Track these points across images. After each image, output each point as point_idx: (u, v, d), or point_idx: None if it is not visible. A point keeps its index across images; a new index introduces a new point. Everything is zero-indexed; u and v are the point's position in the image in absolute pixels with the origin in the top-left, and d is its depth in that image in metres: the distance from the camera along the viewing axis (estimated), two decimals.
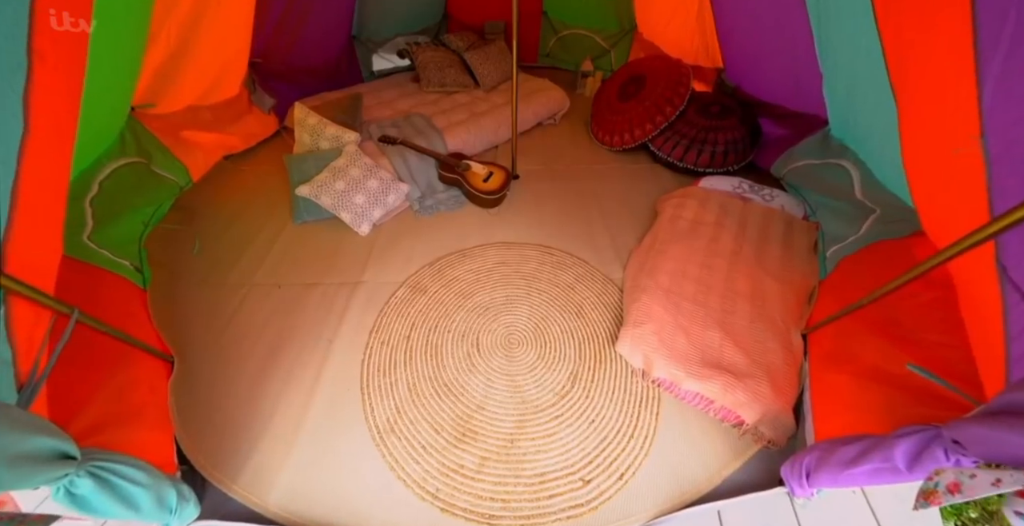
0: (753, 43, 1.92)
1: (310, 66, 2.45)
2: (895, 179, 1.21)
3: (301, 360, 1.24)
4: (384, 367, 1.23)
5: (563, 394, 1.18)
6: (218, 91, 1.80)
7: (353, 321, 1.36)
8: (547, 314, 1.41)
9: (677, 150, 2.14)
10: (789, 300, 1.34)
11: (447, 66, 2.70)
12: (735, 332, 1.24)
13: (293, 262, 1.59)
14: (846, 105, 1.45)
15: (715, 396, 1.07)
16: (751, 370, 1.11)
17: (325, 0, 2.17)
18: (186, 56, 1.51)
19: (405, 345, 1.30)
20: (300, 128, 1.89)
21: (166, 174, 1.55)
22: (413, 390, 1.18)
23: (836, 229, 1.50)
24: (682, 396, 1.15)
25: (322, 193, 1.68)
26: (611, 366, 1.25)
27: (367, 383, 1.19)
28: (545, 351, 1.29)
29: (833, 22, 1.27)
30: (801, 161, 1.80)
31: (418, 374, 1.22)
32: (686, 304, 1.32)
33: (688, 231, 1.64)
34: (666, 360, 1.14)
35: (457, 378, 1.21)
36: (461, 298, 1.46)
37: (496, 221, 1.84)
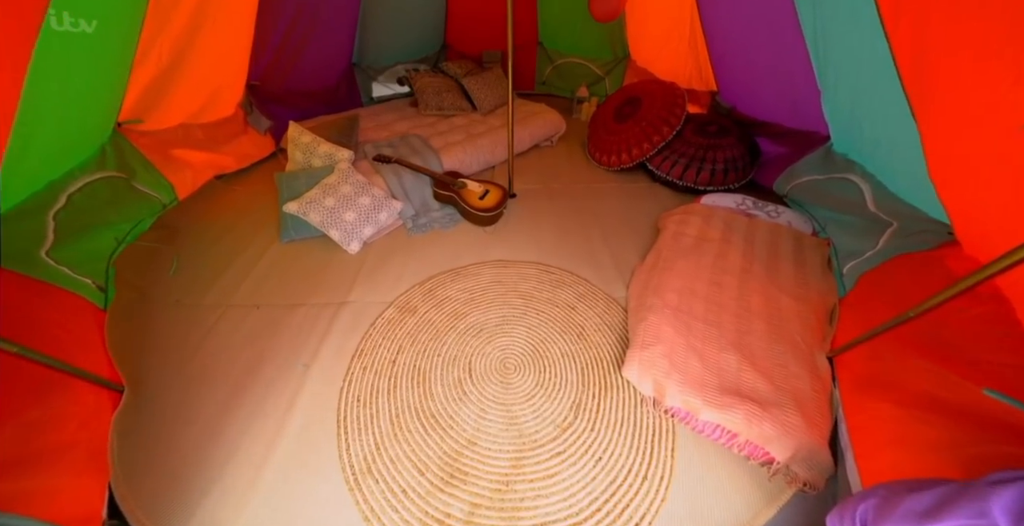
0: (747, 64, 1.94)
1: (309, 90, 2.48)
2: (913, 189, 1.15)
3: (274, 388, 1.12)
4: (365, 396, 1.10)
5: (565, 427, 1.04)
6: (212, 111, 1.79)
7: (334, 345, 1.25)
8: (546, 336, 1.30)
9: (676, 168, 2.11)
10: (809, 319, 1.23)
11: (445, 91, 2.75)
12: (753, 354, 1.12)
13: (276, 282, 1.49)
14: (850, 119, 1.42)
15: (738, 428, 0.94)
16: (776, 398, 0.99)
17: (326, 27, 2.23)
18: (178, 74, 1.50)
19: (390, 371, 1.17)
20: (293, 146, 1.86)
21: (149, 191, 1.49)
22: (396, 423, 1.05)
23: (850, 244, 1.43)
24: (700, 428, 1.01)
25: (311, 210, 1.61)
26: (618, 394, 1.12)
27: (345, 415, 1.06)
28: (544, 377, 1.17)
29: (833, 38, 1.26)
30: (804, 177, 1.76)
31: (402, 404, 1.09)
32: (697, 324, 1.21)
33: (693, 248, 1.56)
34: (679, 386, 1.02)
35: (446, 408, 1.08)
36: (453, 319, 1.35)
37: (492, 239, 1.76)
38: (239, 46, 1.72)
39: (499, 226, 1.87)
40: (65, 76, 1.03)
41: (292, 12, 1.90)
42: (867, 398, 0.88)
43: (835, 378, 1.05)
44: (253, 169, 2.20)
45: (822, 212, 1.67)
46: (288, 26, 1.95)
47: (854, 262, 1.33)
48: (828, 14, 1.20)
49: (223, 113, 1.87)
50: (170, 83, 1.49)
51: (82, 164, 1.24)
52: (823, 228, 1.65)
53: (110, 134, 1.39)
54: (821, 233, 1.64)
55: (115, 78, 1.26)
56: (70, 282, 1.07)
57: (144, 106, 1.46)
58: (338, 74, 2.66)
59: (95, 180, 1.25)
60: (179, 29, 1.37)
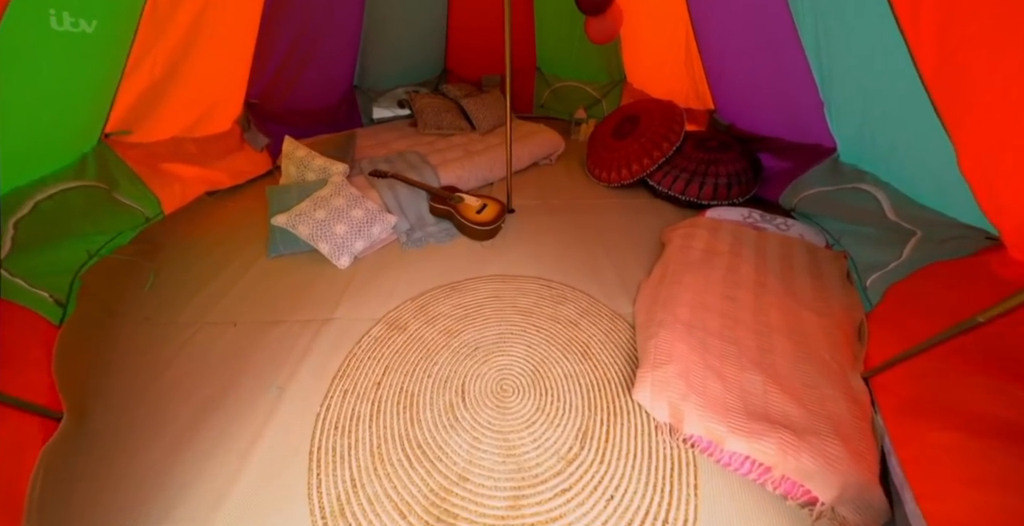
0: (745, 80, 1.94)
1: (309, 110, 2.49)
2: (939, 194, 1.08)
3: (241, 415, 0.99)
4: (344, 423, 0.98)
5: (571, 459, 0.91)
6: (206, 125, 1.76)
7: (314, 365, 1.13)
8: (547, 355, 1.18)
9: (678, 183, 2.06)
10: (835, 336, 1.12)
11: (444, 111, 2.77)
12: (778, 375, 1.01)
13: (257, 298, 1.39)
14: (859, 127, 1.37)
15: (772, 461, 0.81)
16: (811, 424, 0.86)
17: (328, 48, 2.26)
18: (172, 87, 1.48)
19: (374, 394, 1.05)
20: (287, 160, 1.82)
21: (132, 203, 1.43)
22: (377, 454, 0.92)
23: (870, 256, 1.34)
24: (726, 461, 0.88)
25: (300, 222, 1.54)
26: (629, 420, 1.00)
27: (319, 445, 0.93)
28: (546, 401, 1.05)
29: (837, 45, 1.23)
30: (812, 189, 1.70)
31: (386, 432, 0.96)
32: (714, 341, 1.10)
33: (702, 261, 1.47)
34: (700, 411, 0.90)
35: (435, 437, 0.95)
36: (446, 336, 1.24)
37: (489, 254, 1.68)
38: (237, 62, 1.72)
39: (497, 241, 1.79)
40: (34, 78, 0.99)
41: (294, 33, 1.93)
42: (920, 425, 0.76)
43: (874, 402, 0.93)
44: (247, 186, 2.15)
45: (834, 224, 1.59)
46: (289, 46, 1.98)
47: (877, 274, 1.23)
48: (832, 21, 1.18)
49: (218, 128, 1.85)
50: (163, 95, 1.47)
51: (57, 172, 1.19)
52: (837, 241, 1.57)
53: (94, 144, 1.35)
54: (835, 246, 1.56)
55: (98, 86, 1.23)
56: (21, 295, 0.97)
57: (134, 117, 1.43)
58: (339, 95, 2.69)
59: (69, 189, 1.19)
60: (175, 41, 1.36)
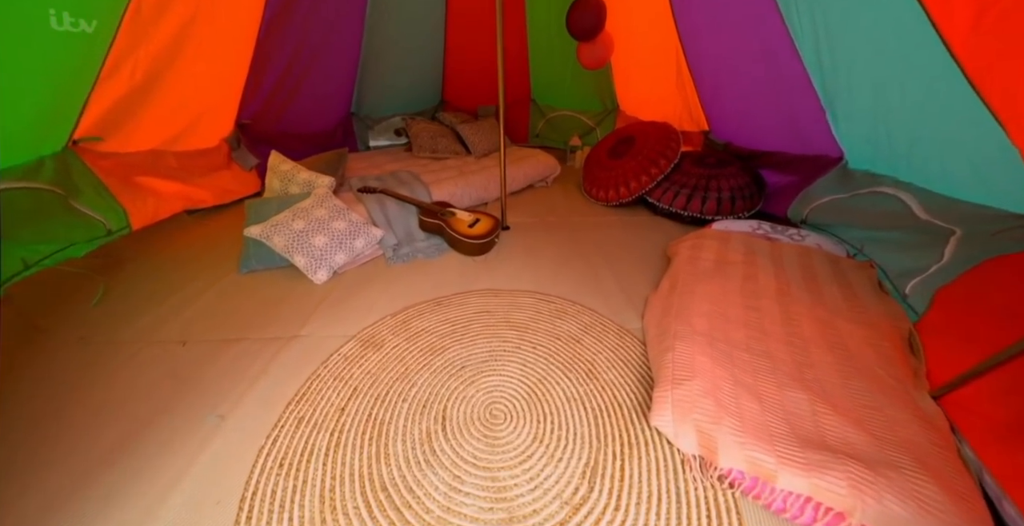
0: (740, 95, 1.93)
1: (303, 134, 2.48)
2: (979, 183, 0.97)
3: (165, 451, 0.80)
4: (292, 459, 0.78)
5: (577, 504, 0.71)
6: (190, 139, 1.70)
7: (267, 388, 0.95)
8: (546, 374, 1.01)
9: (679, 199, 1.99)
10: (884, 349, 0.96)
11: (440, 136, 2.78)
12: (826, 393, 0.83)
13: (217, 316, 1.23)
14: (870, 128, 1.30)
15: (844, 504, 0.62)
16: (885, 455, 0.68)
17: (324, 71, 2.29)
18: (153, 95, 1.43)
19: (335, 422, 0.86)
20: (271, 174, 1.75)
21: (92, 213, 1.32)
22: (329, 500, 0.71)
23: (901, 262, 1.21)
24: (780, 506, 0.68)
25: (275, 233, 1.42)
26: (648, 453, 0.80)
27: (255, 489, 0.73)
28: (545, 429, 0.86)
29: (842, 43, 1.19)
30: (824, 198, 1.61)
31: (343, 470, 0.76)
32: (740, 354, 0.94)
33: (714, 270, 1.34)
34: (737, 437, 0.72)
35: (405, 476, 0.76)
36: (428, 354, 1.07)
37: (481, 269, 1.55)
38: (228, 77, 1.70)
39: (490, 256, 1.67)
40: None
41: (290, 53, 1.95)
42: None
43: (953, 427, 0.75)
44: (233, 207, 2.07)
45: (854, 233, 1.48)
46: (285, 67, 1.99)
47: (918, 279, 1.10)
48: (833, 17, 1.14)
49: (203, 144, 1.79)
50: (143, 103, 1.41)
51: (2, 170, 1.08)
52: (859, 250, 1.44)
53: (58, 149, 1.26)
54: (858, 256, 1.44)
55: (65, 85, 1.17)
56: None
57: (109, 124, 1.36)
58: (335, 121, 2.70)
59: (11, 189, 1.08)
60: (158, 47, 1.33)
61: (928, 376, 0.86)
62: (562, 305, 1.30)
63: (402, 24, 2.48)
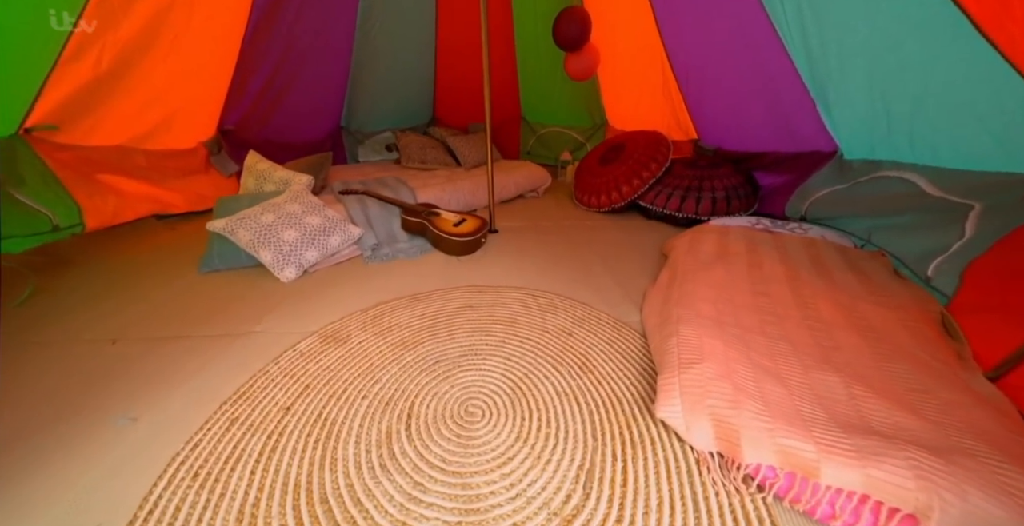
0: (727, 96, 1.93)
1: (289, 143, 2.44)
2: (998, 147, 0.91)
3: (54, 458, 0.64)
4: (212, 467, 0.62)
5: (569, 517, 0.56)
6: (163, 138, 1.63)
7: (199, 387, 0.80)
8: (533, 368, 0.87)
9: (672, 201, 1.93)
10: (921, 330, 0.84)
11: (429, 148, 2.76)
12: (861, 376, 0.70)
13: (162, 315, 1.09)
14: (867, 110, 1.26)
15: (914, 503, 0.48)
16: (950, 441, 0.55)
17: (312, 79, 2.28)
18: (122, 86, 1.36)
19: (276, 423, 0.71)
20: (247, 173, 1.67)
21: (37, 206, 1.21)
22: (250, 518, 0.55)
23: (917, 246, 1.12)
24: (826, 511, 0.53)
25: (241, 227, 1.31)
26: (655, 452, 0.66)
27: (155, 506, 0.57)
28: (530, 427, 0.71)
29: (829, 18, 1.16)
30: (823, 190, 1.55)
31: (276, 479, 0.61)
32: (755, 337, 0.82)
33: (716, 260, 1.24)
34: (765, 422, 0.58)
35: (354, 485, 0.60)
36: (399, 349, 0.93)
37: (467, 267, 1.44)
38: (209, 75, 1.65)
39: (476, 256, 1.56)
40: None
41: (276, 58, 1.94)
42: None
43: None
44: (209, 214, 1.97)
45: (859, 223, 1.40)
46: (270, 73, 1.97)
47: (940, 258, 1.00)
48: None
49: (179, 144, 1.72)
50: (110, 94, 1.35)
51: None
52: (866, 240, 1.36)
53: (5, 135, 1.18)
54: (866, 246, 1.35)
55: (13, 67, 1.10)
56: None
57: (67, 113, 1.28)
58: (323, 133, 2.68)
59: None
60: (129, 33, 1.27)
61: (979, 358, 0.74)
62: (552, 299, 1.18)
63: (393, 38, 2.52)
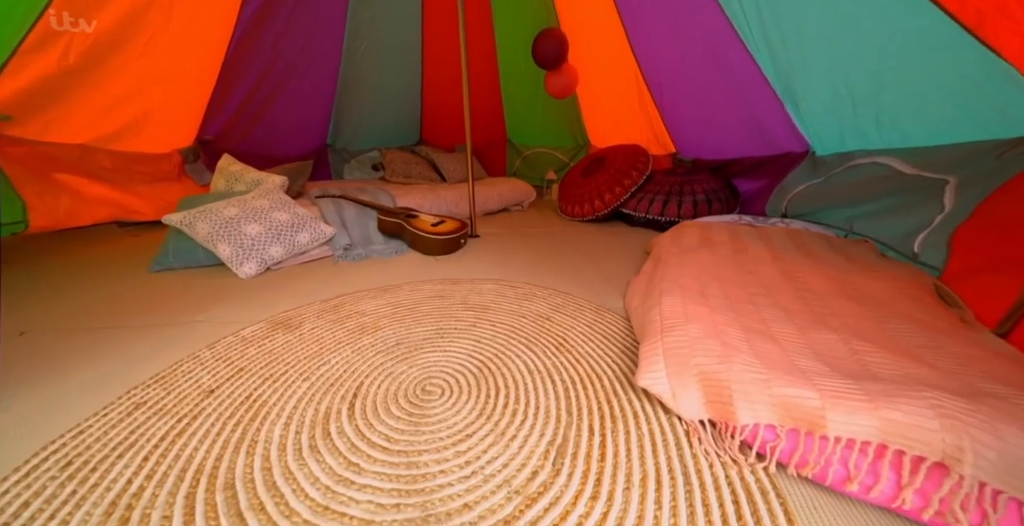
0: (699, 104, 1.99)
1: (271, 157, 2.42)
2: (966, 117, 0.91)
3: None
4: (94, 455, 0.51)
5: (534, 494, 0.45)
6: (132, 140, 1.58)
7: (109, 373, 0.69)
8: (504, 348, 0.78)
9: (655, 206, 1.94)
10: (922, 298, 0.78)
11: (414, 163, 2.78)
12: (862, 335, 0.63)
13: (91, 308, 0.98)
14: (832, 99, 1.29)
15: (942, 448, 0.39)
16: (978, 386, 0.47)
17: (297, 95, 2.31)
18: (89, 83, 1.32)
19: (193, 406, 0.60)
20: (219, 175, 1.62)
21: None
22: (123, 511, 0.44)
23: (900, 226, 1.10)
24: (839, 473, 0.44)
25: (200, 219, 1.24)
26: (638, 426, 0.56)
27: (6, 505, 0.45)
28: (495, 404, 0.61)
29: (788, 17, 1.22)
30: (800, 186, 1.55)
31: (174, 466, 0.50)
32: (744, 306, 0.75)
33: (700, 246, 1.20)
34: (759, 373, 0.50)
35: (271, 469, 0.49)
36: (356, 334, 0.83)
37: (444, 264, 1.37)
38: (189, 81, 1.63)
39: (456, 255, 1.50)
40: None
41: (260, 70, 1.96)
42: None
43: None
44: None
45: (839, 214, 1.39)
46: (254, 84, 1.99)
47: (924, 233, 0.97)
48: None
49: (151, 148, 1.67)
50: (75, 90, 1.31)
51: None
52: (848, 230, 1.34)
53: None
54: (849, 235, 1.33)
55: None
56: None
57: (26, 106, 1.23)
58: (307, 149, 2.68)
59: None
60: (101, 28, 1.26)
61: (979, 321, 0.68)
62: (531, 289, 1.10)
63: (380, 60, 2.61)
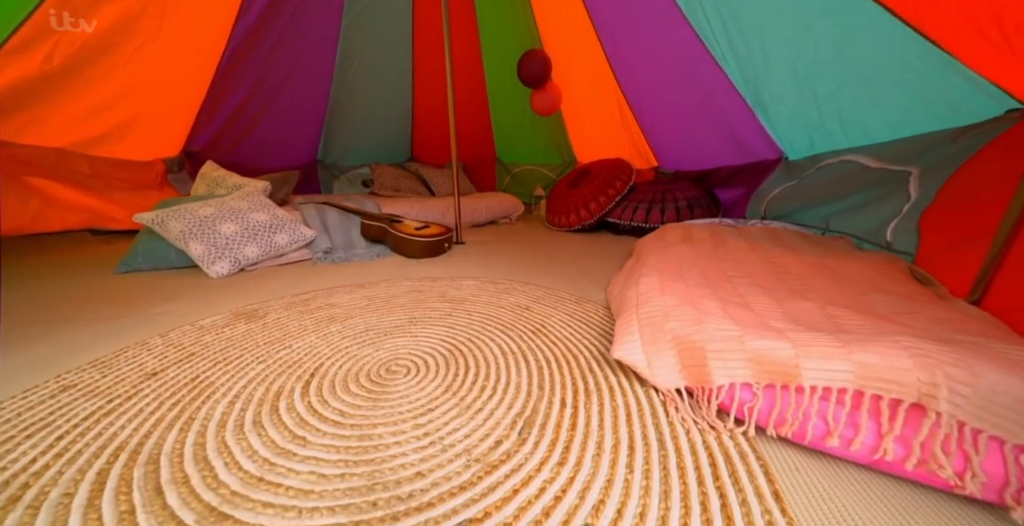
0: (678, 119, 2.07)
1: (259, 169, 2.43)
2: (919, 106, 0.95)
3: None
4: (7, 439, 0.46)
5: (495, 463, 0.41)
6: (114, 146, 1.56)
7: (40, 358, 0.65)
8: (479, 333, 0.75)
9: (639, 213, 1.98)
10: (897, 276, 0.78)
11: (404, 178, 2.82)
12: (838, 304, 0.62)
13: (40, 303, 0.93)
14: (797, 97, 1.34)
15: (918, 388, 0.37)
16: (955, 337, 0.46)
17: (287, 109, 2.34)
18: (71, 87, 1.31)
19: (130, 388, 0.56)
20: (200, 180, 1.61)
21: None
22: (18, 492, 0.39)
23: (872, 218, 1.12)
24: (819, 428, 0.41)
25: (173, 218, 1.21)
26: (612, 398, 0.53)
27: None
28: (463, 381, 0.57)
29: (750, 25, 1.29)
30: (776, 190, 1.60)
31: (92, 444, 0.45)
32: (722, 285, 0.74)
33: (681, 242, 1.20)
34: (733, 331, 0.48)
35: (205, 445, 0.44)
36: (325, 322, 0.80)
37: (426, 266, 1.35)
38: (176, 88, 1.62)
39: (439, 260, 1.48)
40: None
41: (251, 84, 2.00)
42: None
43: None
44: None
45: (815, 213, 1.42)
46: (243, 98, 2.02)
47: (895, 222, 0.99)
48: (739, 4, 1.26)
49: (133, 155, 1.66)
50: (57, 93, 1.30)
51: None
52: (825, 228, 1.36)
53: None
54: (826, 232, 1.35)
55: None
56: None
57: (2, 106, 1.23)
58: (296, 164, 2.70)
59: None
60: (89, 34, 1.28)
61: (953, 290, 0.68)
62: (512, 284, 1.08)
63: (371, 80, 2.69)
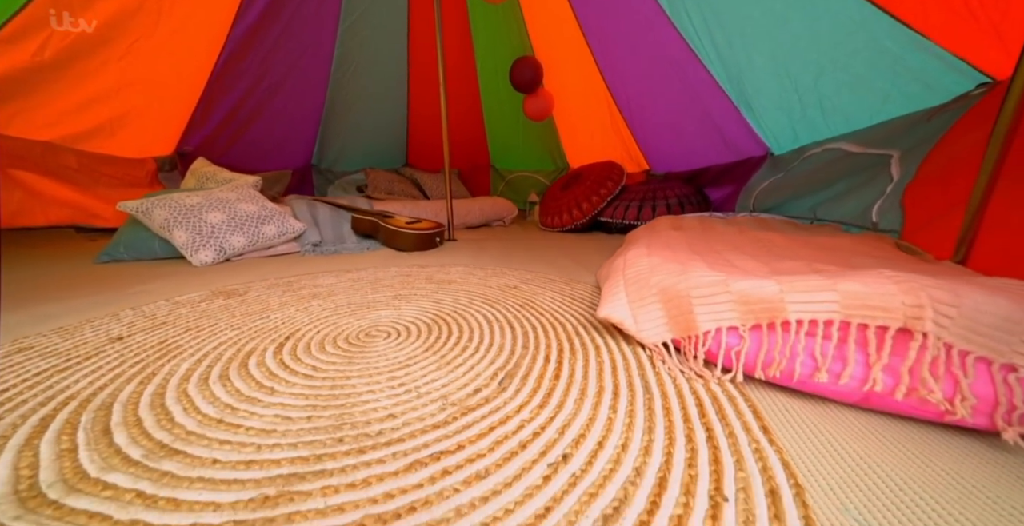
0: (667, 121, 2.11)
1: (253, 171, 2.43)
2: (895, 92, 0.97)
3: None
4: None
5: (471, 406, 0.39)
6: (104, 142, 1.56)
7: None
8: (463, 306, 0.73)
9: (630, 212, 1.99)
10: (883, 248, 0.78)
11: (398, 182, 2.83)
12: (827, 262, 0.62)
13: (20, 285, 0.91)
14: (779, 89, 1.38)
15: (904, 312, 0.36)
16: (943, 279, 0.45)
17: (279, 112, 2.36)
18: (62, 80, 1.30)
19: (90, 350, 0.53)
20: (190, 175, 1.60)
21: None
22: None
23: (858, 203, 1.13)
24: (807, 365, 0.39)
25: (158, 206, 1.19)
26: (597, 355, 0.51)
27: None
28: (444, 342, 0.55)
29: (730, 20, 1.33)
30: (763, 183, 1.62)
31: (35, 397, 0.42)
32: (711, 256, 0.73)
33: (672, 230, 1.20)
34: (717, 275, 0.47)
35: (164, 395, 0.42)
36: (307, 299, 0.78)
37: (417, 257, 1.33)
38: (170, 87, 1.62)
39: (430, 254, 1.46)
40: None
41: (246, 87, 2.02)
42: None
43: None
44: None
45: (802, 203, 1.44)
46: (238, 100, 2.04)
47: (879, 202, 1.00)
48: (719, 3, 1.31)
49: (124, 152, 1.65)
50: (46, 86, 1.29)
51: None
52: (813, 218, 1.38)
53: None
54: (815, 222, 1.36)
55: None
56: None
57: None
58: (290, 167, 2.70)
59: None
60: (83, 30, 1.29)
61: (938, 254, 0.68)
62: (501, 269, 1.07)
63: (367, 86, 2.73)
